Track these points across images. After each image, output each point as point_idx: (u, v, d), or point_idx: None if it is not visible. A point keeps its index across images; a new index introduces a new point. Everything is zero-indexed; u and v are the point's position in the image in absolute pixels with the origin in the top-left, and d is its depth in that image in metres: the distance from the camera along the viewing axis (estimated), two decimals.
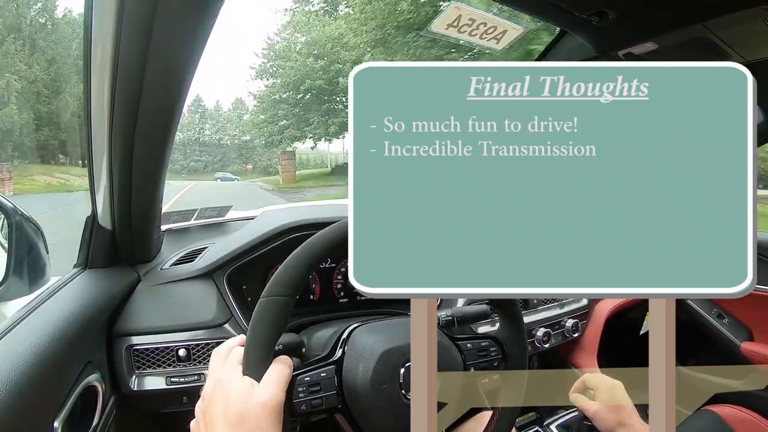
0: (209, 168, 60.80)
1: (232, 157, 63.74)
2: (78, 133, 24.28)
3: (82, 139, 0.81)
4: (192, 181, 39.92)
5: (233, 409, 0.50)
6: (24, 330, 0.67)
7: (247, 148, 60.98)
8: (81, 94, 0.72)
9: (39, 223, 0.87)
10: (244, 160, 60.78)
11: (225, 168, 59.02)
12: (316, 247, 0.56)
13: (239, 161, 62.35)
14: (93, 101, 0.69)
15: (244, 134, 59.58)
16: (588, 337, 1.42)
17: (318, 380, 0.61)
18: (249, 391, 0.51)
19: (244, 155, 61.82)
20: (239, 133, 62.09)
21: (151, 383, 0.86)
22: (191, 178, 52.42)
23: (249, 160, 60.06)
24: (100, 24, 0.59)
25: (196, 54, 0.62)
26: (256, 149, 56.66)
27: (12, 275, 0.80)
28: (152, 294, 0.93)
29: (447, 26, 0.76)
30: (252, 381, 0.52)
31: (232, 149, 64.34)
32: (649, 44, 0.80)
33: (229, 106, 66.60)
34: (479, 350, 0.72)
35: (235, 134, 63.76)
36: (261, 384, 0.52)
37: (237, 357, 0.55)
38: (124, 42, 0.58)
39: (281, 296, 0.54)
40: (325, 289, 1.11)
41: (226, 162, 62.83)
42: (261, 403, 0.50)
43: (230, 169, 57.19)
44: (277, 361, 0.55)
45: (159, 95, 0.66)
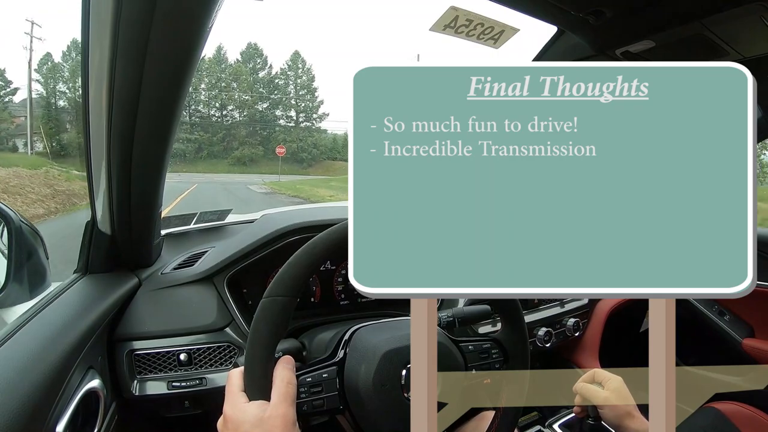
0: (204, 153, 43.20)
1: (243, 135, 44.81)
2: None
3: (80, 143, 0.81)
4: (179, 174, 31.09)
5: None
6: (25, 336, 0.66)
7: (266, 120, 45.18)
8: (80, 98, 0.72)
9: (38, 229, 0.87)
10: (265, 139, 43.20)
11: (228, 152, 42.26)
12: (318, 248, 0.56)
13: (255, 142, 44.48)
14: (91, 106, 0.69)
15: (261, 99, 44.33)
16: (589, 336, 1.42)
17: (320, 381, 0.61)
18: (261, 415, 0.49)
19: (267, 133, 44.35)
20: (254, 97, 44.57)
21: (152, 388, 0.85)
22: (177, 168, 38.36)
23: (273, 139, 42.44)
24: (97, 28, 0.59)
25: (194, 56, 0.62)
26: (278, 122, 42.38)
27: (12, 281, 0.80)
28: (153, 298, 0.93)
29: (444, 27, 0.76)
30: (261, 403, 0.51)
31: (243, 124, 45.59)
32: (647, 42, 0.80)
33: (238, 55, 47.42)
34: (481, 352, 0.72)
35: (248, 99, 44.97)
36: (271, 404, 0.50)
37: (236, 384, 0.53)
38: (121, 45, 0.58)
39: (283, 296, 0.54)
40: (326, 292, 1.11)
41: (232, 142, 43.92)
42: (279, 425, 0.49)
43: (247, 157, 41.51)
44: (280, 368, 0.54)
45: (157, 98, 0.66)
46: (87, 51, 0.63)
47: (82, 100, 0.71)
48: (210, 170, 39.38)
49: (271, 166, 40.66)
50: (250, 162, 42.82)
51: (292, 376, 0.54)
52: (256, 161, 43.72)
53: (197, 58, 0.62)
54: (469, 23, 0.76)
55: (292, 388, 0.52)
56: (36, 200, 11.02)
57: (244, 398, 0.51)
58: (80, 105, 0.72)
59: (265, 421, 0.49)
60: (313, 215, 1.08)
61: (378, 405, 0.60)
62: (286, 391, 0.51)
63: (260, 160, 43.88)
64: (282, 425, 0.49)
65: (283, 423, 0.49)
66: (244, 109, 45.31)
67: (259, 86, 46.22)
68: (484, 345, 0.73)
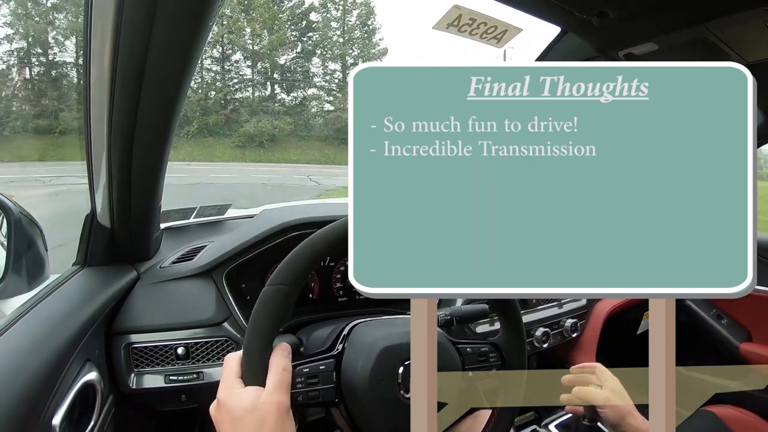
0: (193, 128, 22.03)
1: (256, 100, 24.52)
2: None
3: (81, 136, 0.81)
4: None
5: (244, 425, 0.49)
6: (22, 328, 0.66)
7: (294, 76, 24.79)
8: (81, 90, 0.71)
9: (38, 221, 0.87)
10: (295, 107, 24.31)
11: (233, 127, 22.33)
12: (319, 243, 0.56)
13: (279, 109, 24.02)
14: (92, 98, 0.69)
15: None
16: (587, 336, 1.42)
17: (316, 372, 0.61)
18: (255, 401, 0.49)
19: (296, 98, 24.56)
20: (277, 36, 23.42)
21: (149, 381, 0.86)
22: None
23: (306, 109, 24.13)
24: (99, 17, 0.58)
25: (197, 46, 0.61)
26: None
27: (11, 273, 0.81)
28: (151, 292, 0.93)
29: (447, 26, 0.76)
30: (256, 389, 0.51)
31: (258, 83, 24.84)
32: (650, 45, 0.80)
33: None
34: (479, 355, 0.72)
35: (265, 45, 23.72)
36: (265, 390, 0.50)
37: (233, 369, 0.53)
38: (123, 36, 0.57)
39: (285, 286, 0.54)
40: (324, 288, 1.11)
41: (239, 111, 23.49)
42: (273, 411, 0.49)
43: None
44: (276, 355, 0.54)
45: (159, 91, 0.66)
46: (89, 42, 0.63)
47: (84, 92, 0.70)
48: (203, 156, 20.83)
49: (305, 151, 23.48)
50: (270, 141, 23.09)
51: (288, 363, 0.54)
52: (279, 141, 23.91)
53: (201, 48, 0.62)
54: (473, 22, 0.76)
55: (287, 375, 0.53)
56: None
57: (240, 384, 0.52)
58: (81, 97, 0.72)
59: (259, 407, 0.49)
60: (313, 211, 1.08)
61: (373, 400, 0.60)
62: (281, 378, 0.52)
63: (286, 139, 24.13)
64: (276, 412, 0.49)
65: (277, 410, 0.49)
66: (260, 59, 24.50)
67: (286, 22, 24.81)
68: (482, 348, 0.73)
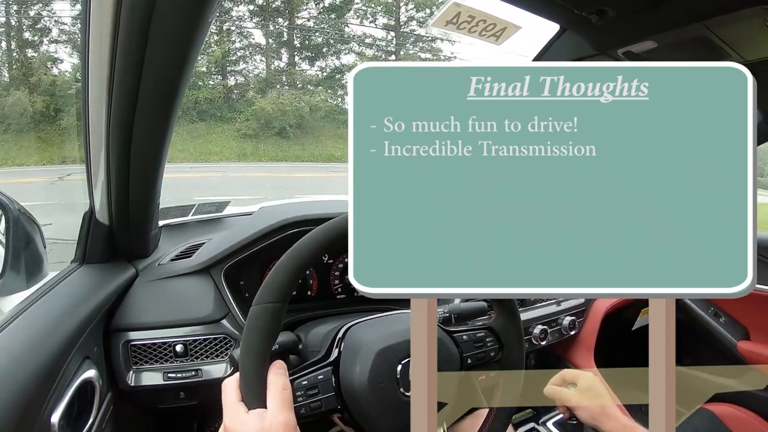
0: (195, 111, 12.05)
1: (271, 72, 14.08)
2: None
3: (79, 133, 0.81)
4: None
5: None
6: (21, 325, 0.66)
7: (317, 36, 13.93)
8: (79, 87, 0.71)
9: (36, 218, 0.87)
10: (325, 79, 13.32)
11: (235, 110, 11.70)
12: (303, 251, 0.56)
13: (314, 77, 13.87)
14: (90, 94, 0.69)
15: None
16: (585, 334, 1.42)
17: (315, 383, 0.61)
18: (261, 425, 0.49)
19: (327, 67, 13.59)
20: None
21: (148, 379, 0.86)
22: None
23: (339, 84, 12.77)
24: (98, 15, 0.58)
25: (196, 41, 0.61)
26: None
27: (9, 270, 0.80)
28: (150, 289, 0.93)
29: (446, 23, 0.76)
30: (260, 412, 0.50)
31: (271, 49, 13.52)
32: (649, 43, 0.80)
33: None
34: (475, 341, 0.72)
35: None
36: (270, 412, 0.50)
37: (233, 394, 0.53)
38: (122, 31, 0.57)
39: (272, 303, 0.54)
40: (323, 285, 1.11)
41: (244, 89, 12.72)
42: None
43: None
44: (272, 375, 0.53)
45: (157, 87, 0.65)
46: (87, 39, 0.62)
47: (82, 90, 0.70)
48: (189, 153, 12.48)
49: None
50: (296, 128, 14.09)
51: (286, 381, 0.54)
52: (308, 128, 14.46)
53: (200, 43, 0.61)
54: (472, 20, 0.76)
55: (287, 394, 0.52)
56: None
57: (243, 408, 0.51)
58: (79, 94, 0.71)
59: (267, 430, 0.49)
60: (311, 209, 1.07)
61: (375, 403, 0.60)
62: (282, 397, 0.51)
63: (318, 125, 14.68)
64: (284, 431, 0.49)
65: (285, 429, 0.49)
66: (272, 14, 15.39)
67: None
68: (479, 334, 0.73)
